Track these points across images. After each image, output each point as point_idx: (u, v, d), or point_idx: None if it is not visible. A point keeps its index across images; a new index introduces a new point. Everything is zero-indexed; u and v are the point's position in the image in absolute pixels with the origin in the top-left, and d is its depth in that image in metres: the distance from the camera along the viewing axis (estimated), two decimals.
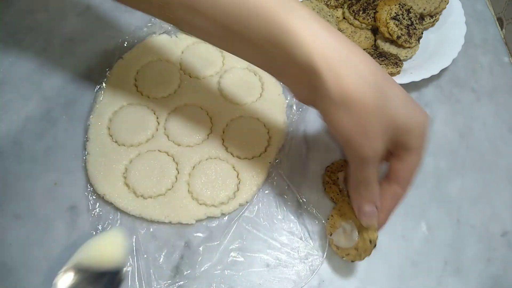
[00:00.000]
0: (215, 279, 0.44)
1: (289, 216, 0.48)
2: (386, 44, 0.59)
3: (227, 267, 0.45)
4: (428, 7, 0.61)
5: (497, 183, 0.53)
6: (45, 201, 0.48)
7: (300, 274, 0.45)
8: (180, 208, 0.47)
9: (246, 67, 0.58)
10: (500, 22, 0.67)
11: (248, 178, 0.49)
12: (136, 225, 0.47)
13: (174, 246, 0.46)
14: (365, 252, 0.43)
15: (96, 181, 0.48)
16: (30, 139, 0.51)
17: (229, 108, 0.54)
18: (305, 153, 0.53)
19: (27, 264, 0.44)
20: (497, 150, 0.55)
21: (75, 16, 0.62)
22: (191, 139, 0.51)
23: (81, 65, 0.58)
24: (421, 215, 0.50)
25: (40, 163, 0.50)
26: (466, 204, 0.51)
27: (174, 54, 0.58)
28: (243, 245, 0.46)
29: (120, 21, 0.62)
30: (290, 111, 0.55)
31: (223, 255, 0.45)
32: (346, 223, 0.45)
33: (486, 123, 0.57)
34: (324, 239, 0.47)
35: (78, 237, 0.46)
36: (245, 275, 0.45)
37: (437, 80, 0.60)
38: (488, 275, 0.47)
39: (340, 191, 0.49)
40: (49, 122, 0.53)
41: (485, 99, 0.59)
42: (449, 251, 0.48)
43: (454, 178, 0.53)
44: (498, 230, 0.50)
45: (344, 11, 0.62)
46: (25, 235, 0.46)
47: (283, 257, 0.46)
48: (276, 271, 0.45)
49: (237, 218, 0.47)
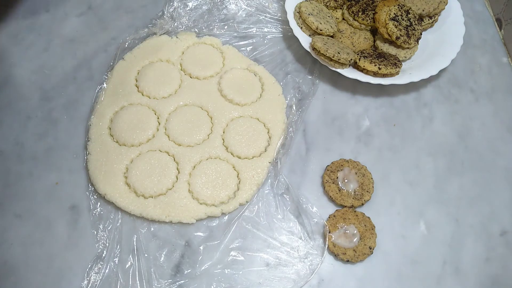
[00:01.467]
0: (216, 278, 0.44)
1: (289, 216, 0.48)
2: (385, 44, 0.60)
3: (227, 266, 0.45)
4: (427, 8, 0.61)
5: (495, 183, 0.53)
6: (46, 200, 0.48)
7: (299, 273, 0.45)
8: (180, 207, 0.47)
9: (246, 68, 0.58)
10: (498, 22, 0.67)
11: (248, 177, 0.50)
12: (136, 224, 0.47)
13: (174, 245, 0.46)
14: (362, 256, 0.46)
15: (97, 181, 0.48)
16: (31, 139, 0.52)
17: (229, 108, 0.55)
18: (304, 153, 0.53)
19: (28, 263, 0.44)
20: (496, 150, 0.55)
21: (76, 17, 0.63)
22: (192, 139, 0.52)
23: (82, 65, 0.58)
24: (420, 215, 0.50)
25: (41, 163, 0.50)
26: (465, 204, 0.51)
27: (175, 54, 0.58)
28: (243, 244, 0.46)
29: (121, 22, 0.62)
30: (290, 111, 0.55)
31: (223, 254, 0.46)
32: (349, 227, 0.47)
33: (485, 123, 0.57)
34: (323, 239, 0.47)
35: (79, 237, 0.46)
36: (245, 274, 0.45)
37: (436, 80, 0.60)
38: (486, 274, 0.47)
39: (339, 190, 0.50)
40: (50, 122, 0.53)
41: (483, 100, 0.59)
42: (448, 250, 0.48)
43: (453, 178, 0.53)
44: (496, 230, 0.50)
45: (343, 12, 0.62)
46: (26, 234, 0.46)
47: (283, 256, 0.46)
48: (276, 270, 0.45)
49: (237, 218, 0.48)
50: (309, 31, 0.59)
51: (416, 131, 0.56)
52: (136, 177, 0.48)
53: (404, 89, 0.59)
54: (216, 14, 0.63)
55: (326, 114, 0.56)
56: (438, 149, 0.55)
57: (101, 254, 0.45)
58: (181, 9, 0.62)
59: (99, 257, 0.45)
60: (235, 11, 0.64)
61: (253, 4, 0.64)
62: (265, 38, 0.62)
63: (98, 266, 0.44)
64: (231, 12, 0.64)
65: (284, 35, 0.62)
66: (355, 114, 0.57)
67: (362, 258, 0.46)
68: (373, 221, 0.48)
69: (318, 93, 0.58)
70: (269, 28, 0.62)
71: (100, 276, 0.44)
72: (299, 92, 0.57)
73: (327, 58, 0.55)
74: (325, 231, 0.47)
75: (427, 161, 0.54)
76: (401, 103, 0.58)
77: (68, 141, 0.52)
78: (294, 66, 0.60)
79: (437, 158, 0.54)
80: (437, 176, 0.53)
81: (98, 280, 0.43)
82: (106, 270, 0.44)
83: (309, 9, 0.59)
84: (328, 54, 0.54)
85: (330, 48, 0.55)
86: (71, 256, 0.45)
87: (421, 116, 0.57)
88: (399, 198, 0.51)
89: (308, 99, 0.57)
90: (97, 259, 0.44)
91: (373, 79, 0.55)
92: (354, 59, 0.56)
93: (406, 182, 0.52)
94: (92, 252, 0.45)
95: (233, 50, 0.60)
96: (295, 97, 0.57)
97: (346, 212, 0.48)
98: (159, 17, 0.62)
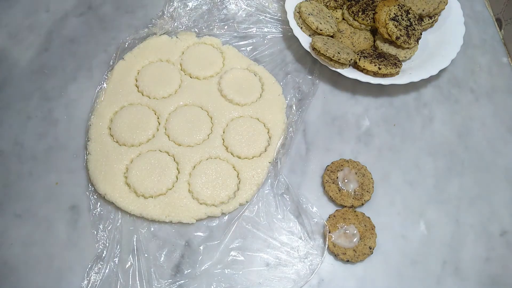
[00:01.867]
0: (216, 278, 0.44)
1: (289, 216, 0.48)
2: (385, 44, 0.60)
3: (227, 266, 0.45)
4: (427, 8, 0.61)
5: (495, 183, 0.53)
6: (46, 200, 0.48)
7: (299, 273, 0.45)
8: (180, 207, 0.47)
9: (246, 68, 0.58)
10: (498, 22, 0.67)
11: (248, 177, 0.50)
12: (137, 224, 0.47)
13: (174, 245, 0.46)
14: (362, 256, 0.46)
15: (97, 181, 0.48)
16: (31, 139, 0.52)
17: (229, 108, 0.55)
18: (304, 153, 0.53)
19: (28, 263, 0.44)
20: (496, 150, 0.55)
21: (76, 17, 0.63)
22: (192, 139, 0.52)
23: (82, 65, 0.58)
24: (420, 215, 0.50)
25: (41, 163, 0.50)
26: (465, 204, 0.51)
27: (175, 54, 0.58)
28: (243, 244, 0.46)
29: (121, 22, 0.62)
30: (290, 111, 0.55)
31: (223, 254, 0.46)
32: (349, 227, 0.47)
33: (485, 123, 0.57)
34: (323, 239, 0.47)
35: (79, 237, 0.46)
36: (245, 274, 0.45)
37: (436, 80, 0.60)
38: (486, 274, 0.47)
39: (339, 190, 0.50)
40: (50, 122, 0.53)
41: (483, 100, 0.59)
42: (448, 250, 0.48)
43: (453, 178, 0.53)
44: (496, 230, 0.50)
45: (343, 12, 0.62)
46: (26, 234, 0.46)
47: (283, 256, 0.46)
48: (276, 270, 0.45)
49: (237, 218, 0.48)
50: (309, 31, 0.59)
51: (416, 131, 0.56)
52: (136, 177, 0.48)
53: (404, 89, 0.59)
54: (216, 14, 0.63)
55: (326, 114, 0.56)
56: (438, 149, 0.55)
57: (101, 254, 0.45)
58: (181, 9, 0.62)
59: (99, 257, 0.45)
60: (235, 11, 0.64)
61: (253, 4, 0.64)
62: (265, 38, 0.62)
63: (98, 266, 0.44)
64: (231, 12, 0.64)
65: (284, 35, 0.62)
66: (355, 114, 0.57)
67: (362, 258, 0.46)
68: (373, 221, 0.48)
69: (318, 93, 0.58)
70: (269, 28, 0.62)
71: (100, 276, 0.44)
72: (299, 92, 0.57)
73: (327, 58, 0.55)
74: (325, 231, 0.47)
75: (427, 161, 0.54)
76: (401, 103, 0.58)
77: (68, 141, 0.52)
78: (294, 66, 0.60)
79: (437, 158, 0.54)
80: (437, 176, 0.53)
81: (98, 280, 0.43)
82: (106, 270, 0.44)
83: (309, 9, 0.59)
84: (328, 54, 0.54)
85: (330, 48, 0.55)
86: (71, 256, 0.45)
87: (421, 116, 0.57)
88: (399, 198, 0.51)
89: (308, 99, 0.57)
90: (97, 259, 0.44)
91: (373, 79, 0.55)
92: (354, 59, 0.56)
93: (406, 182, 0.52)
94: (92, 252, 0.45)
95: (233, 50, 0.60)
96: (295, 97, 0.57)
97: (346, 212, 0.48)
98: (159, 17, 0.62)
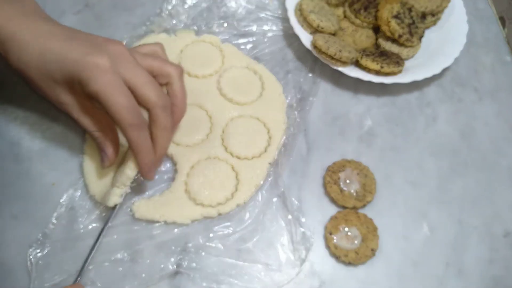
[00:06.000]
0: (214, 279, 0.44)
1: (289, 216, 0.48)
2: (387, 43, 0.59)
3: (227, 267, 0.45)
4: (430, 6, 0.60)
5: (499, 183, 0.53)
6: (42, 201, 0.47)
7: (300, 275, 0.45)
8: (176, 208, 0.47)
9: (246, 66, 0.57)
10: (502, 21, 0.67)
11: (247, 178, 0.49)
12: (134, 224, 0.46)
13: (172, 247, 0.45)
14: (364, 258, 0.45)
15: (90, 182, 0.47)
16: (28, 139, 0.51)
17: (228, 107, 0.54)
18: (305, 153, 0.52)
19: (24, 265, 0.44)
20: (499, 150, 0.55)
21: (73, 14, 0.62)
22: (190, 138, 0.51)
23: None
24: (422, 216, 0.50)
25: (38, 163, 0.50)
26: (468, 205, 0.51)
27: (173, 52, 0.58)
28: (242, 246, 0.46)
29: (118, 20, 0.61)
30: (291, 111, 0.54)
31: (222, 254, 0.45)
32: (350, 228, 0.46)
33: (488, 123, 0.57)
34: (324, 241, 0.47)
35: (76, 238, 0.45)
36: (243, 275, 0.44)
37: (439, 79, 0.60)
38: (490, 276, 0.47)
39: (341, 191, 0.49)
40: (47, 122, 0.52)
41: (487, 99, 0.59)
42: (450, 252, 0.48)
43: (455, 178, 0.52)
44: (500, 231, 0.49)
45: (345, 9, 0.62)
46: (22, 235, 0.45)
47: (283, 257, 0.45)
48: (276, 271, 0.45)
49: (236, 218, 0.47)
50: (310, 29, 0.58)
51: (419, 130, 0.55)
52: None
53: (406, 88, 0.58)
54: (215, 11, 0.62)
55: (328, 113, 0.56)
56: (441, 149, 0.54)
57: (98, 255, 0.44)
58: (180, 7, 0.61)
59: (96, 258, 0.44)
60: (234, 8, 0.63)
61: (253, 1, 0.63)
62: (265, 36, 0.61)
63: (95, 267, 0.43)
64: (231, 10, 0.63)
65: (285, 33, 0.61)
66: (357, 114, 0.56)
67: (364, 260, 0.45)
68: (375, 223, 0.47)
69: (319, 92, 0.57)
70: (269, 26, 0.62)
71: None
72: (300, 91, 0.56)
73: (329, 57, 0.55)
74: (326, 233, 0.47)
75: (430, 161, 0.53)
76: (404, 102, 0.58)
77: (65, 142, 0.51)
78: (295, 65, 0.59)
79: (440, 158, 0.54)
80: (440, 177, 0.52)
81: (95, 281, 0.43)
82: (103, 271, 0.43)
83: (310, 7, 0.58)
84: (329, 53, 0.54)
85: (331, 46, 0.54)
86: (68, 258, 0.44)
87: (424, 115, 0.57)
88: (402, 199, 0.50)
89: (309, 98, 0.56)
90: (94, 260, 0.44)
91: (375, 77, 0.55)
92: (356, 58, 0.56)
93: (408, 182, 0.52)
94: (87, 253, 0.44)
95: (232, 48, 0.59)
96: (296, 96, 0.56)
97: (348, 214, 0.48)
98: (157, 15, 0.61)
